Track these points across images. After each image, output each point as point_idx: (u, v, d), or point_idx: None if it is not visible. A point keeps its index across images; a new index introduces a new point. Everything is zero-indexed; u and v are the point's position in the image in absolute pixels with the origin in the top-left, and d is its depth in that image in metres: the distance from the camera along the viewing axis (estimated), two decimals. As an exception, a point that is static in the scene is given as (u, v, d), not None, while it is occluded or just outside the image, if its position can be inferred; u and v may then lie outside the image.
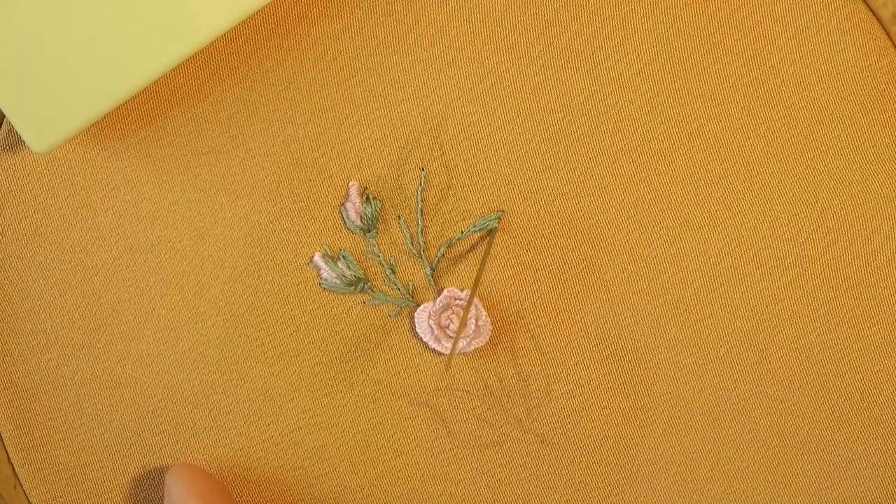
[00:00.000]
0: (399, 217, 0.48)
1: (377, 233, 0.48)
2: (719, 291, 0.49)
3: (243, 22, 0.44)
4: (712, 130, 0.48)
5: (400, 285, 0.48)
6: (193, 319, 0.48)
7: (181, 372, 0.48)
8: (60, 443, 0.48)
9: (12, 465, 0.48)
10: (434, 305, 0.48)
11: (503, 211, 0.48)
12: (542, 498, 0.49)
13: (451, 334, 0.47)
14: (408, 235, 0.48)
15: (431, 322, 0.48)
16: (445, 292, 0.48)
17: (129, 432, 0.48)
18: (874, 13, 0.48)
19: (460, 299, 0.48)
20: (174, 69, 0.45)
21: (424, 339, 0.48)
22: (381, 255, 0.48)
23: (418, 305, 0.48)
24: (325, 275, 0.48)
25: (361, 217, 0.47)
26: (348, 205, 0.47)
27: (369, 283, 0.48)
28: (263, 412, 0.48)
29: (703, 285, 0.49)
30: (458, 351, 0.48)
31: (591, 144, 0.48)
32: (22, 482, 0.48)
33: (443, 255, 0.48)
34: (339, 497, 0.49)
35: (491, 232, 0.48)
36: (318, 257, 0.48)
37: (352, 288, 0.48)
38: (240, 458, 0.48)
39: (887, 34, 0.48)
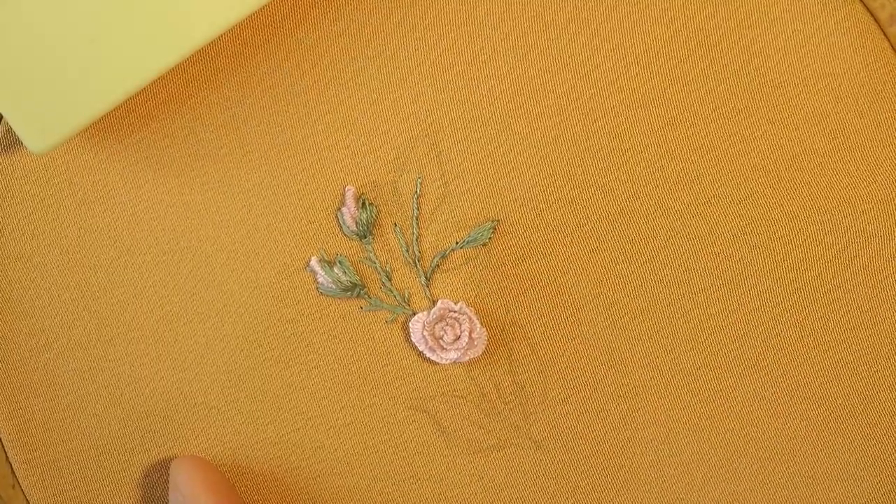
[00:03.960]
0: (395, 224, 0.48)
1: (373, 238, 0.48)
2: (716, 296, 0.49)
3: (240, 24, 0.44)
4: (709, 134, 0.48)
5: (396, 293, 0.48)
6: (190, 321, 0.48)
7: (179, 372, 0.48)
8: (59, 442, 0.48)
9: (11, 465, 0.48)
10: (428, 316, 0.48)
11: (498, 220, 0.48)
12: (538, 503, 0.49)
13: (445, 346, 0.47)
14: (403, 243, 0.48)
15: (426, 333, 0.47)
16: (439, 304, 0.48)
17: (128, 432, 0.48)
18: (872, 14, 0.48)
19: (454, 311, 0.48)
20: (171, 71, 0.45)
21: (419, 349, 0.48)
22: (377, 261, 0.48)
23: (414, 313, 0.48)
24: (321, 279, 0.48)
25: (357, 222, 0.47)
26: (344, 210, 0.47)
27: (366, 289, 0.48)
28: (261, 413, 0.48)
29: (700, 291, 0.48)
30: (452, 361, 0.48)
31: (587, 153, 0.48)
32: (20, 482, 0.48)
33: (437, 265, 0.48)
34: (335, 498, 0.49)
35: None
36: (314, 262, 0.48)
37: (348, 293, 0.48)
38: (237, 459, 0.49)
39: (885, 35, 0.48)
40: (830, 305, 0.49)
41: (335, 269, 0.48)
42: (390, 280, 0.48)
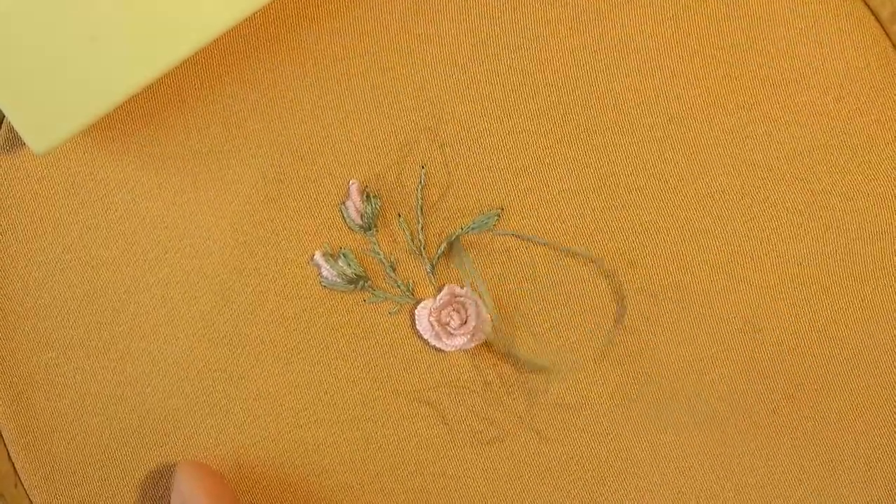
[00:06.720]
0: (399, 215, 0.48)
1: (377, 231, 0.48)
2: (718, 287, 0.49)
3: (243, 22, 0.44)
4: (710, 130, 0.48)
5: (400, 283, 0.48)
6: (193, 317, 0.48)
7: (181, 370, 0.48)
8: (61, 441, 0.48)
9: (13, 464, 0.48)
10: (434, 303, 0.48)
11: (503, 208, 0.48)
12: (541, 494, 0.49)
13: (452, 331, 0.48)
14: (408, 233, 0.48)
15: (432, 319, 0.48)
16: (446, 289, 0.48)
17: (130, 430, 0.48)
18: (873, 12, 0.48)
19: (461, 296, 0.48)
20: (174, 69, 0.45)
21: (425, 337, 0.48)
22: (381, 253, 0.48)
23: (419, 303, 0.48)
24: (325, 273, 0.48)
25: (361, 215, 0.48)
26: (348, 203, 0.48)
27: (370, 281, 0.48)
28: (264, 409, 0.48)
29: (702, 281, 0.49)
30: (459, 348, 0.48)
31: (590, 143, 0.48)
32: (23, 480, 0.48)
33: (443, 252, 0.48)
34: (339, 494, 0.49)
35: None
36: (318, 256, 0.48)
37: (352, 286, 0.48)
38: (240, 455, 0.48)
39: (886, 33, 0.48)
40: (832, 300, 0.49)
41: (339, 262, 0.48)
42: (395, 271, 0.48)
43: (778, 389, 0.49)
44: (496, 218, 0.48)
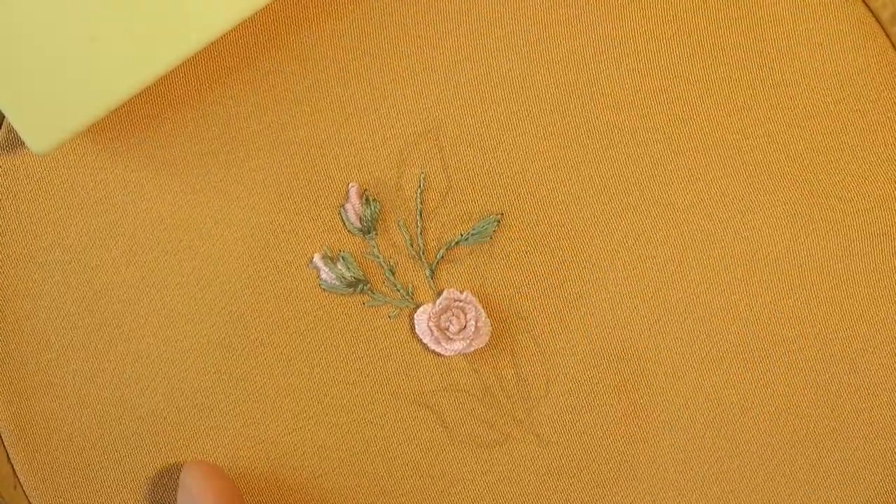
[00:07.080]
0: (399, 219, 0.48)
1: (377, 234, 0.48)
2: (718, 290, 0.49)
3: (243, 23, 0.44)
4: (710, 132, 0.48)
5: (399, 287, 0.48)
6: (193, 320, 0.48)
7: (181, 372, 0.48)
8: (61, 443, 0.48)
9: (12, 465, 0.48)
10: (433, 307, 0.48)
11: (503, 213, 0.48)
12: (541, 497, 0.50)
13: (451, 336, 0.48)
14: (407, 237, 0.48)
15: (431, 324, 0.48)
16: (445, 294, 0.48)
17: (130, 432, 0.48)
18: (874, 14, 0.48)
19: (460, 301, 0.48)
20: (174, 70, 0.45)
21: (424, 341, 0.48)
22: (380, 256, 0.48)
23: (418, 307, 0.48)
24: (324, 276, 0.48)
25: (361, 219, 0.48)
26: (348, 206, 0.48)
27: (369, 285, 0.48)
28: (263, 412, 0.48)
29: (703, 284, 0.49)
30: (458, 352, 0.48)
31: (590, 146, 0.48)
32: (22, 482, 0.48)
33: (442, 256, 0.48)
34: (337, 496, 0.49)
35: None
36: (317, 258, 0.48)
37: (351, 289, 0.48)
38: (239, 459, 0.48)
39: (887, 35, 0.48)
40: (832, 302, 0.49)
41: (339, 265, 0.48)
42: (394, 274, 0.48)
43: (778, 391, 0.49)
44: (496, 224, 0.48)
